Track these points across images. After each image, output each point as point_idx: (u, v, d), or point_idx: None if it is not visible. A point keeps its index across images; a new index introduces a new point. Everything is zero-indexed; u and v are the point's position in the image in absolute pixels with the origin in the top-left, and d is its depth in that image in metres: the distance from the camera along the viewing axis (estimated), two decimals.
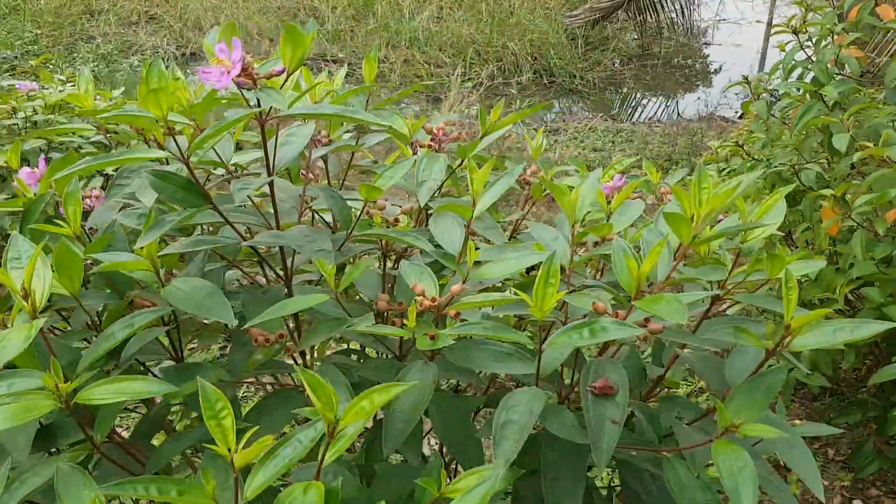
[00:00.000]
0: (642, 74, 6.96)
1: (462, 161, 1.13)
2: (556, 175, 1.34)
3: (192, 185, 0.85)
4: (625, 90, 6.69)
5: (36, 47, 6.48)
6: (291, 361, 1.04)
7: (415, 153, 1.14)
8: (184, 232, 1.01)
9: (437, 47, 6.85)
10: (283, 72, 0.85)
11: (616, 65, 7.04)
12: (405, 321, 0.81)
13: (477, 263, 0.97)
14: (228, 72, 0.82)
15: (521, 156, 4.54)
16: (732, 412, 0.79)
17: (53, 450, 0.94)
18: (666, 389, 1.38)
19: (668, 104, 6.46)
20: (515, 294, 0.83)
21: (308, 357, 1.17)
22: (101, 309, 1.03)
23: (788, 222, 2.21)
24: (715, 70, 7.18)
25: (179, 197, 0.86)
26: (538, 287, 0.75)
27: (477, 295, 0.82)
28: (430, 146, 1.12)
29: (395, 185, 1.11)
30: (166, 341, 1.04)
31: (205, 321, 1.05)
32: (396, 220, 1.01)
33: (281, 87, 0.86)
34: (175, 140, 0.80)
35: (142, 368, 1.01)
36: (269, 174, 0.92)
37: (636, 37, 7.44)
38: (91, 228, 1.07)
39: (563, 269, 0.95)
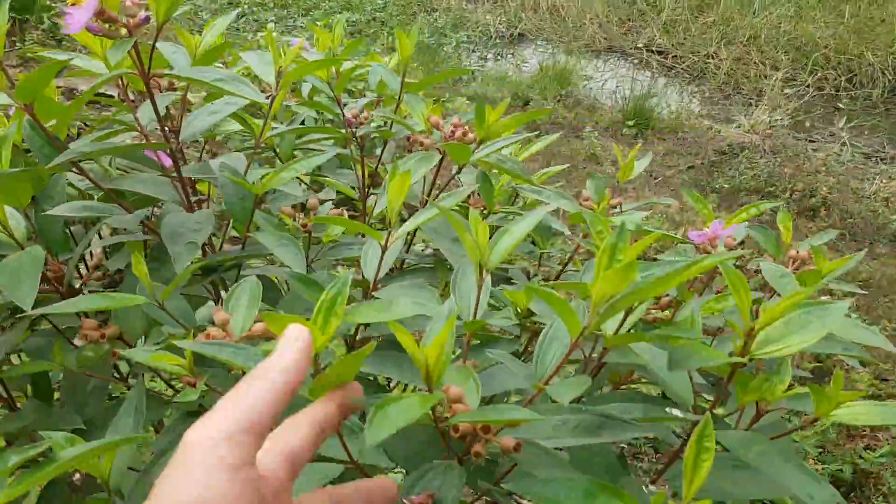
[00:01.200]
0: None
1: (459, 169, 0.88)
2: (627, 209, 1.01)
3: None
4: None
5: (383, 14, 6.98)
6: None
7: (410, 151, 0.91)
8: None
9: (778, 48, 6.09)
10: (147, 20, 0.70)
11: None
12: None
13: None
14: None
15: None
16: None
17: None
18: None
19: None
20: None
21: None
22: None
23: None
24: None
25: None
26: None
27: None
28: (421, 144, 0.88)
29: None
30: None
31: None
32: (305, 226, 0.80)
33: (156, 39, 0.71)
34: None
35: None
36: (168, 143, 0.77)
37: None
38: None
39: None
